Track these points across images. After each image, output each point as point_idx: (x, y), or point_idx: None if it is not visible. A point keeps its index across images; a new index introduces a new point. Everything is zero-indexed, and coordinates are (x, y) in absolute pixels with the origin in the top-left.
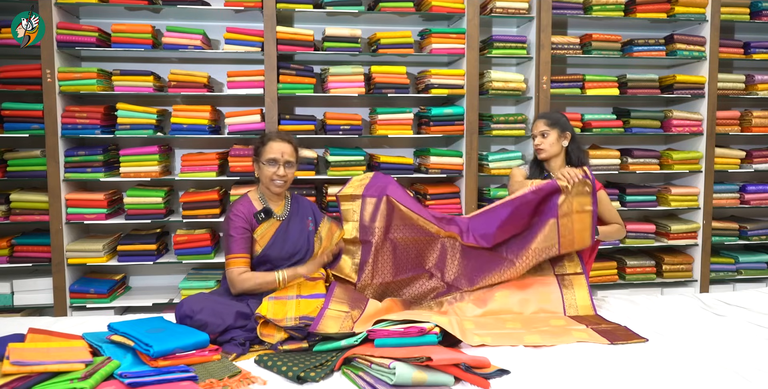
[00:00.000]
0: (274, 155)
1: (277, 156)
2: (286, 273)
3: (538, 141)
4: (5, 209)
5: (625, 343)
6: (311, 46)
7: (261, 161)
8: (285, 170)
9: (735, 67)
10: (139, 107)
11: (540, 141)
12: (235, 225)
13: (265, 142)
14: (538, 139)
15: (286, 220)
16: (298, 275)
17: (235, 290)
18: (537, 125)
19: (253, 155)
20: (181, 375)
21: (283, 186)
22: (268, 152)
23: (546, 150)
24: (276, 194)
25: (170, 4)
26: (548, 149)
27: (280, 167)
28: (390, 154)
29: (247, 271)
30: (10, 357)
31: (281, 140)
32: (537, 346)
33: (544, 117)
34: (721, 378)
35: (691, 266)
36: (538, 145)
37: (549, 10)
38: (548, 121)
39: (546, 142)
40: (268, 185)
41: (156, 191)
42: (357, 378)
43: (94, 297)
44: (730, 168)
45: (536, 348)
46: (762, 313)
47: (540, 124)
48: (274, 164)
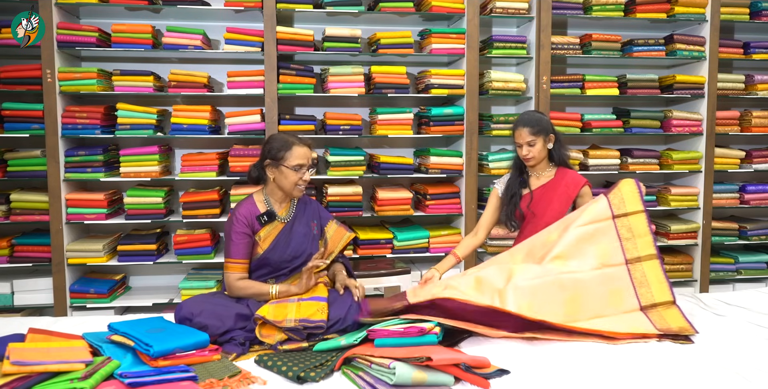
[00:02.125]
0: (302, 161)
1: (304, 162)
2: (279, 288)
3: (526, 151)
4: (5, 209)
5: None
6: (311, 46)
7: (283, 166)
8: (309, 174)
9: (735, 68)
10: (139, 107)
11: (528, 151)
12: (236, 229)
13: (289, 146)
14: (525, 149)
15: (290, 222)
16: (290, 293)
17: (231, 294)
18: (520, 134)
19: (269, 159)
20: (181, 375)
21: (304, 190)
22: (294, 158)
23: (535, 158)
24: (292, 197)
25: (170, 4)
26: (537, 156)
27: (306, 172)
28: (390, 154)
29: (243, 278)
30: (10, 357)
31: (304, 145)
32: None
33: (527, 125)
34: (721, 377)
35: (690, 266)
36: (527, 155)
37: (549, 10)
38: (532, 129)
39: (534, 150)
40: (291, 190)
41: (156, 191)
42: (357, 378)
43: (94, 296)
44: (729, 168)
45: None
46: (762, 313)
47: (524, 133)
48: (299, 170)
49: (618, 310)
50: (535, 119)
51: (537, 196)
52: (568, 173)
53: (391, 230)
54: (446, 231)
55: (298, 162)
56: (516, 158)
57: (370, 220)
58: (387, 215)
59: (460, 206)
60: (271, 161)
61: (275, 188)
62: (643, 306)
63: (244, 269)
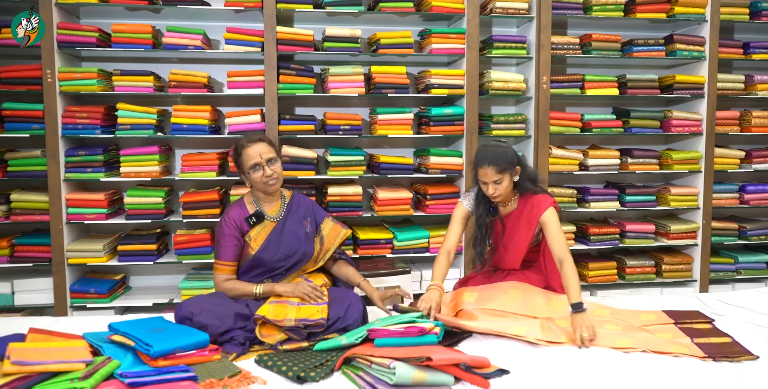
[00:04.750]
0: (254, 160)
1: (257, 160)
2: (262, 288)
3: (492, 190)
4: (6, 209)
5: (731, 361)
6: (311, 46)
7: (245, 172)
8: (270, 168)
9: (734, 68)
10: (140, 107)
11: (494, 189)
12: (224, 232)
13: (240, 151)
14: (491, 187)
15: (281, 221)
16: (274, 292)
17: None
18: (486, 173)
19: (237, 168)
20: (181, 375)
21: (277, 183)
22: (247, 160)
23: (502, 195)
24: (271, 195)
25: (170, 4)
26: (504, 193)
27: (264, 168)
28: (390, 154)
29: (230, 279)
30: (10, 357)
31: (253, 143)
32: (625, 349)
33: (492, 164)
34: (721, 377)
35: (690, 266)
36: (493, 194)
37: (549, 10)
38: (498, 167)
39: (501, 188)
40: (263, 188)
41: (156, 191)
42: (357, 377)
43: (95, 296)
44: (729, 168)
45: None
46: (762, 313)
47: (489, 172)
48: (257, 169)
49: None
50: (500, 156)
51: (507, 225)
52: (530, 200)
53: (391, 230)
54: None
55: (251, 162)
56: (480, 192)
57: (370, 220)
58: (387, 215)
59: None
60: (238, 170)
61: (257, 189)
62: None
63: (232, 270)
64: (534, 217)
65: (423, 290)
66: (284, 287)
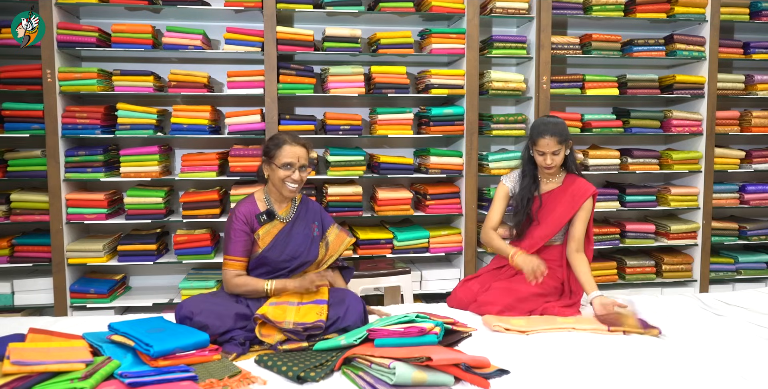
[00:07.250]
0: (290, 160)
1: (293, 161)
2: (275, 284)
3: (550, 161)
4: (5, 209)
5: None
6: (311, 46)
7: (274, 163)
8: (299, 174)
9: (735, 68)
10: (140, 107)
11: (552, 160)
12: (234, 227)
13: (280, 145)
14: (549, 158)
15: (290, 223)
16: (286, 289)
17: (228, 291)
18: (548, 143)
19: (264, 156)
20: (181, 375)
21: (296, 189)
22: (283, 156)
23: (557, 166)
24: (285, 197)
25: (170, 4)
26: (558, 164)
27: (295, 171)
28: (390, 154)
29: (241, 275)
30: (10, 357)
31: (296, 144)
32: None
33: (555, 134)
34: (721, 377)
35: (690, 266)
36: (550, 164)
37: (549, 10)
38: (560, 138)
39: (558, 159)
40: (281, 187)
41: (156, 191)
42: (357, 378)
43: (95, 296)
44: (729, 168)
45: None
46: (762, 313)
47: (552, 143)
48: (288, 168)
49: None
50: (561, 128)
51: (544, 201)
52: (576, 181)
53: (391, 230)
54: (446, 231)
55: (286, 160)
56: (528, 163)
57: (370, 220)
58: (387, 215)
59: (460, 207)
60: (265, 159)
61: (273, 187)
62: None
63: (242, 266)
64: (579, 197)
65: (423, 290)
66: (296, 282)
